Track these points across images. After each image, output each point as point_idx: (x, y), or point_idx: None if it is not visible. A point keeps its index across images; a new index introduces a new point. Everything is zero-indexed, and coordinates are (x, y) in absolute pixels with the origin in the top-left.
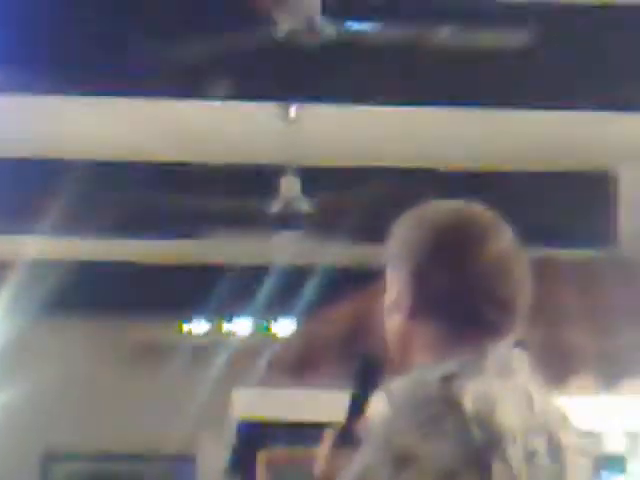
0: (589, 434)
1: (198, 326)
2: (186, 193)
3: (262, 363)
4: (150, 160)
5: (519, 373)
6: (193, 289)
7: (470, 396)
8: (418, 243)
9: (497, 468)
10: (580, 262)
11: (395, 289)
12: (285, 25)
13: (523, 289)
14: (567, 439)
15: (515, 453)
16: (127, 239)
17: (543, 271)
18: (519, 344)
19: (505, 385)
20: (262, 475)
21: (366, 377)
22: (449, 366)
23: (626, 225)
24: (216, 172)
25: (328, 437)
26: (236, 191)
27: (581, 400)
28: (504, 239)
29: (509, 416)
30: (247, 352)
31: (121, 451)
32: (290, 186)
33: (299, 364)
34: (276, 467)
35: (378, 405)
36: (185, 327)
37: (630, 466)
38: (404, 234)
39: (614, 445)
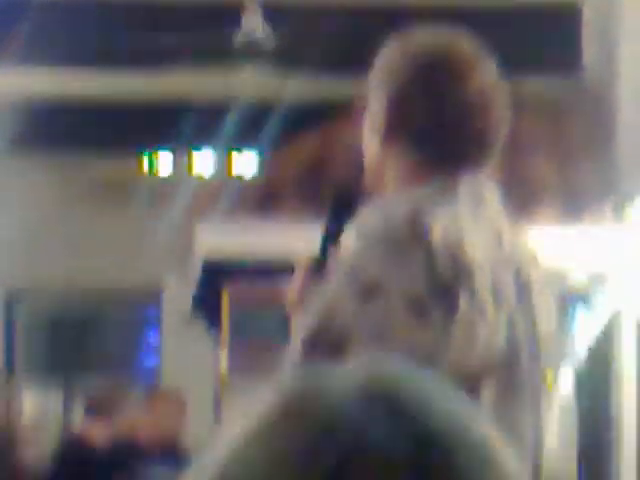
0: (554, 268)
1: (162, 162)
2: (149, 28)
3: (226, 199)
4: None
5: (490, 205)
6: (157, 125)
7: (438, 227)
8: (402, 68)
9: (463, 297)
10: (545, 91)
11: (373, 112)
12: None
13: (501, 124)
14: (534, 275)
15: (482, 284)
16: (90, 72)
17: (511, 100)
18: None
19: (475, 217)
20: (226, 312)
21: (340, 208)
22: (419, 195)
23: (591, 55)
24: (179, 6)
25: (301, 267)
26: (199, 25)
27: (545, 231)
28: (487, 73)
29: (477, 248)
30: (211, 188)
31: (86, 290)
32: (252, 19)
33: (262, 200)
34: (240, 303)
35: (348, 237)
36: (149, 163)
37: (593, 301)
38: (389, 59)
39: (578, 280)
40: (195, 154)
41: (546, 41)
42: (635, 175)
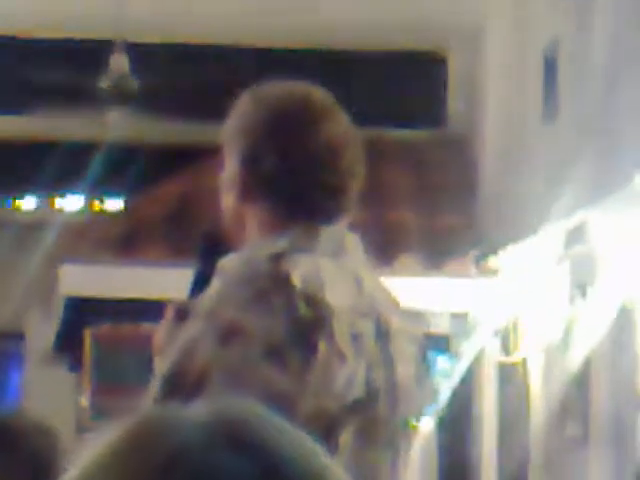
0: (415, 314)
1: (27, 202)
2: (16, 67)
3: (90, 240)
4: None
5: (350, 255)
6: (23, 165)
7: (298, 273)
8: (251, 125)
9: (322, 345)
10: (409, 142)
11: (229, 169)
12: None
13: (355, 175)
14: (395, 323)
15: (341, 330)
16: None
17: (374, 150)
18: (350, 226)
19: (335, 265)
20: (88, 351)
21: (208, 253)
22: (279, 243)
23: (456, 105)
24: (46, 46)
25: (169, 312)
26: (66, 66)
27: (407, 280)
28: (337, 124)
29: (337, 295)
30: (75, 229)
31: None
32: (119, 62)
33: (126, 241)
34: (102, 343)
35: (213, 282)
36: (14, 203)
37: (454, 346)
38: (239, 115)
39: (439, 325)
40: (61, 195)
41: (411, 91)
42: (498, 225)
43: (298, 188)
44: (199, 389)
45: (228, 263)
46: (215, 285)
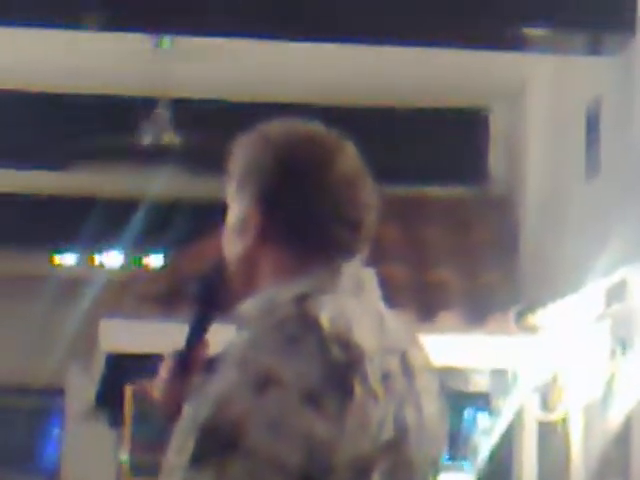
0: (455, 371)
1: (68, 258)
2: (58, 124)
3: (131, 296)
4: (23, 90)
5: (370, 291)
6: (64, 221)
7: (326, 315)
8: (263, 164)
9: (357, 386)
10: (451, 200)
11: (238, 212)
12: None
13: (370, 208)
14: (418, 360)
15: (372, 371)
16: None
17: (416, 209)
18: (392, 284)
19: (358, 303)
20: (129, 408)
21: (205, 301)
22: (301, 285)
23: (497, 163)
24: (88, 103)
25: (167, 363)
26: (108, 123)
27: (449, 337)
28: (350, 158)
29: (365, 335)
30: (116, 285)
31: None
32: (161, 118)
33: (167, 297)
34: (143, 400)
35: (228, 330)
36: (55, 259)
37: (494, 403)
38: (247, 155)
39: (479, 383)
40: (103, 251)
41: (453, 149)
42: (539, 283)
43: (317, 225)
44: (236, 442)
45: (248, 308)
46: (240, 333)
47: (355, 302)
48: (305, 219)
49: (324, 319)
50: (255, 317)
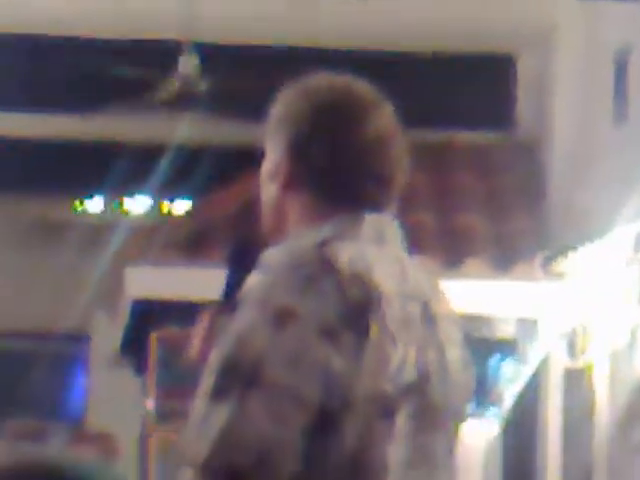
0: (481, 318)
1: (94, 204)
2: (84, 68)
3: (156, 242)
4: (52, 34)
5: (393, 243)
6: (90, 167)
7: (345, 258)
8: (299, 113)
9: (374, 325)
10: (478, 146)
11: (273, 158)
12: None
13: (400, 167)
14: (440, 308)
15: (391, 313)
16: (23, 113)
17: (443, 154)
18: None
19: (380, 252)
20: (154, 354)
21: (242, 258)
22: (324, 231)
23: (525, 109)
24: (115, 47)
25: (204, 317)
26: (135, 67)
27: (475, 284)
28: (383, 117)
29: (384, 279)
30: (142, 231)
31: (16, 330)
32: (188, 63)
33: (193, 243)
34: (168, 346)
35: (254, 275)
36: (81, 205)
37: (520, 350)
38: (286, 104)
39: (505, 330)
40: (128, 197)
41: (481, 94)
42: (566, 229)
43: (345, 176)
44: (255, 376)
45: (272, 254)
46: (259, 276)
47: (376, 250)
48: (333, 170)
49: (342, 261)
50: (278, 263)
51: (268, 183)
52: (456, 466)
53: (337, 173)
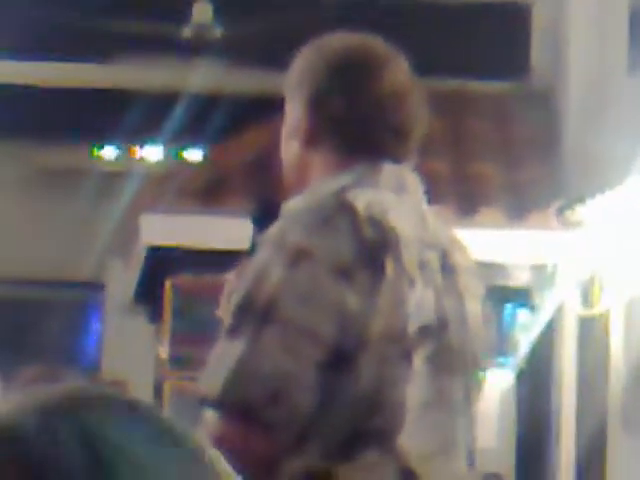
0: (495, 266)
1: (108, 152)
2: (97, 15)
3: (172, 190)
4: None
5: (412, 193)
6: (104, 114)
7: (363, 201)
8: (316, 70)
9: (389, 265)
10: (492, 94)
11: (293, 116)
12: None
13: (417, 119)
14: (460, 260)
15: (408, 256)
16: (37, 61)
17: (456, 102)
18: (432, 176)
19: (398, 200)
20: (169, 302)
21: (265, 217)
22: (343, 179)
23: (539, 57)
24: None
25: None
26: (148, 15)
27: (489, 232)
28: (399, 71)
29: (402, 223)
30: (157, 179)
31: (30, 277)
32: (202, 11)
33: (208, 191)
34: (183, 294)
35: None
36: (95, 153)
37: (535, 298)
38: (304, 63)
39: (520, 278)
40: (143, 144)
41: (494, 42)
42: (581, 178)
43: (363, 129)
44: (270, 313)
45: (292, 203)
46: (278, 220)
47: (395, 198)
48: (352, 122)
49: (359, 204)
50: (296, 209)
51: (289, 140)
52: (475, 414)
53: (356, 126)
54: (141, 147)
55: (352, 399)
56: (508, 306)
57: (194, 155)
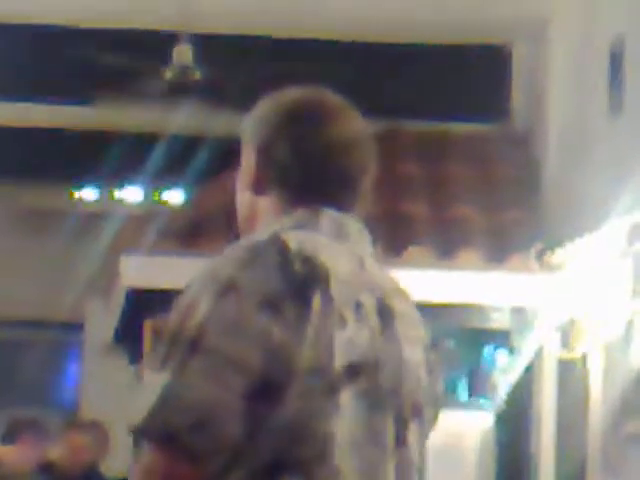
0: (474, 308)
1: (89, 193)
2: (78, 57)
3: (152, 231)
4: (45, 23)
5: (353, 241)
6: (84, 155)
7: (296, 239)
8: (266, 120)
9: (317, 300)
10: (472, 136)
11: (245, 166)
12: None
13: (365, 172)
14: (399, 306)
15: (339, 294)
16: (18, 102)
17: (436, 145)
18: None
19: (337, 245)
20: (148, 344)
21: None
22: (282, 222)
23: (519, 99)
24: (109, 36)
25: None
26: (129, 57)
27: (468, 274)
28: (348, 122)
29: (335, 263)
30: (137, 220)
31: (9, 318)
32: (183, 54)
33: (188, 233)
34: (162, 336)
35: None
36: (76, 194)
37: (514, 341)
38: (257, 113)
39: (499, 320)
40: (123, 186)
41: (475, 85)
42: (561, 220)
43: (308, 177)
44: (197, 343)
45: (232, 246)
46: (217, 257)
47: (334, 243)
48: (296, 172)
49: (292, 242)
50: (235, 248)
51: (243, 189)
52: (415, 461)
53: (300, 174)
54: (121, 189)
55: (277, 429)
56: (487, 348)
57: (174, 196)
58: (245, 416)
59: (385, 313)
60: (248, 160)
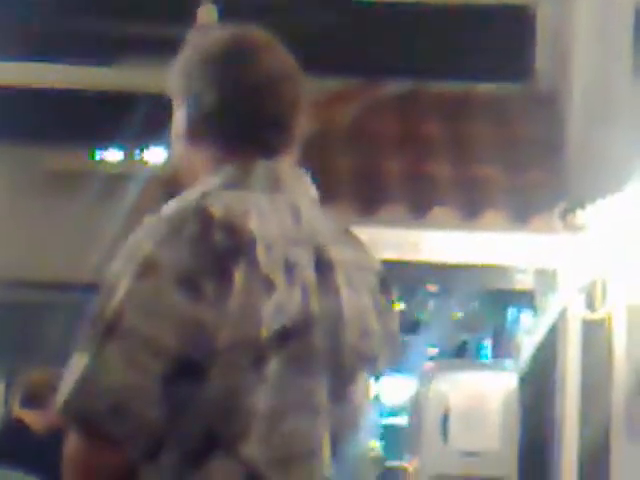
0: (499, 269)
1: (112, 154)
2: (103, 19)
3: (175, 192)
4: None
5: (290, 190)
6: (108, 117)
7: (220, 205)
8: (188, 66)
9: (239, 273)
10: (497, 97)
11: (177, 116)
12: None
13: (297, 107)
14: (340, 255)
15: (267, 258)
16: (42, 64)
17: (460, 106)
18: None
19: (268, 199)
20: None
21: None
22: (211, 182)
23: (543, 60)
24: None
25: None
26: (153, 19)
27: (493, 235)
28: (276, 57)
29: (265, 225)
30: (159, 181)
31: (33, 280)
32: (207, 13)
33: None
34: None
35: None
36: (99, 155)
37: (538, 302)
38: (181, 61)
39: (524, 281)
40: (147, 147)
41: (498, 44)
42: (585, 181)
43: (238, 122)
44: (114, 326)
45: (165, 208)
46: (140, 228)
47: (264, 198)
48: (226, 115)
49: (215, 209)
50: (158, 219)
51: (176, 141)
52: (349, 414)
53: (230, 118)
54: (147, 149)
55: (204, 408)
56: (511, 309)
57: None
58: (165, 398)
59: (323, 265)
60: (177, 113)
